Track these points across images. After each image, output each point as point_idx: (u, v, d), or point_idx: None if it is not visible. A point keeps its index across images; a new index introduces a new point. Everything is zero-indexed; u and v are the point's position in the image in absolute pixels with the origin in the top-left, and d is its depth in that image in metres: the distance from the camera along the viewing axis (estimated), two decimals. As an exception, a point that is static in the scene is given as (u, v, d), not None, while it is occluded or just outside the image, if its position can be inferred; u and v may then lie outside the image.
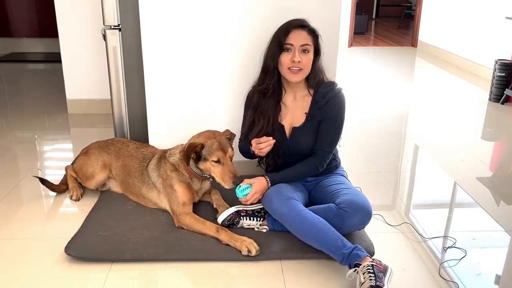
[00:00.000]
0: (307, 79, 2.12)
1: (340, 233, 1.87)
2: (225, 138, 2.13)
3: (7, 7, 6.15)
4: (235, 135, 2.24)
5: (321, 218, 1.89)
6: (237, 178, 2.03)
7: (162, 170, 2.24)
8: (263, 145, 2.02)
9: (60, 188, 2.49)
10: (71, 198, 2.40)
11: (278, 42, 2.05)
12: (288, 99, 2.17)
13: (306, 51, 2.03)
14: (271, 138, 2.03)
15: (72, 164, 2.54)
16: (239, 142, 2.32)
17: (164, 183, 2.22)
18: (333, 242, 1.83)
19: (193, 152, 2.07)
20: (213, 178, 2.13)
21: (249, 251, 1.93)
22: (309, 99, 2.13)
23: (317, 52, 2.09)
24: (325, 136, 2.10)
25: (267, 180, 2.08)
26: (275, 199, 1.98)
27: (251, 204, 2.12)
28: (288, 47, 2.03)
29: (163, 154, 2.29)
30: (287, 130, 2.16)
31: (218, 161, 2.05)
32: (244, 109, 2.27)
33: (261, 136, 2.08)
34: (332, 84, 2.12)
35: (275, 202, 1.97)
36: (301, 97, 2.15)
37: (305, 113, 2.13)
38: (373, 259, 1.76)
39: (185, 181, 2.19)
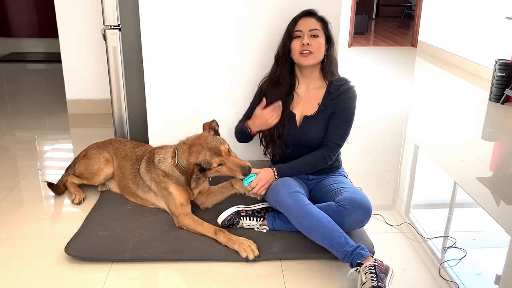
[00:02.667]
0: (322, 68, 2.14)
1: None
2: (212, 137, 2.07)
3: (7, 7, 6.15)
4: (217, 123, 2.17)
5: (325, 214, 1.89)
6: (246, 167, 2.00)
7: (154, 174, 2.21)
8: (270, 114, 2.04)
9: (60, 190, 2.48)
10: (72, 202, 2.38)
11: (288, 32, 2.11)
12: (301, 89, 2.18)
13: (316, 36, 2.07)
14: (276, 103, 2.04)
15: (67, 171, 2.52)
16: (238, 123, 2.30)
17: (159, 186, 2.20)
18: (337, 238, 1.83)
19: (193, 175, 2.03)
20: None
21: (246, 257, 1.92)
22: (322, 91, 2.14)
23: (328, 40, 2.12)
24: (335, 128, 2.11)
25: (273, 170, 2.07)
26: (282, 191, 1.97)
27: (259, 195, 2.09)
28: (298, 34, 2.08)
29: (152, 158, 2.25)
30: (298, 119, 2.16)
31: (220, 164, 2.03)
32: (254, 96, 2.29)
33: (272, 127, 2.10)
34: (346, 79, 2.16)
35: (282, 194, 1.96)
36: (314, 89, 2.16)
37: (318, 103, 2.13)
38: (375, 259, 1.76)
39: (180, 183, 2.17)
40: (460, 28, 6.07)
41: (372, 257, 1.79)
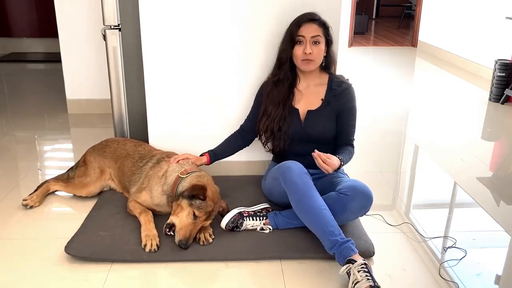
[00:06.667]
0: (323, 66, 2.24)
1: (343, 221, 1.96)
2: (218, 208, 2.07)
3: (7, 7, 6.15)
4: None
5: (326, 205, 1.92)
6: (186, 242, 1.92)
7: (152, 172, 2.20)
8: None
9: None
10: (23, 200, 2.34)
11: (290, 36, 2.16)
12: (302, 86, 2.27)
13: (317, 43, 2.14)
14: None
15: (67, 173, 2.52)
16: (242, 125, 2.42)
17: (145, 179, 2.19)
18: (331, 227, 1.84)
19: (194, 194, 1.95)
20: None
21: (145, 245, 1.95)
22: (323, 87, 2.24)
23: (329, 42, 2.20)
24: (348, 126, 2.24)
25: (340, 159, 2.06)
26: (294, 166, 2.00)
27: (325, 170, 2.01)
28: (300, 39, 2.13)
29: (164, 172, 2.16)
30: (302, 114, 2.23)
31: (195, 216, 1.94)
32: (255, 99, 2.37)
33: (272, 122, 2.21)
34: (343, 77, 2.28)
35: (294, 169, 1.99)
36: (315, 86, 2.26)
37: (322, 98, 2.22)
38: (364, 258, 1.77)
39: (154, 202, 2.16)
40: (460, 28, 6.07)
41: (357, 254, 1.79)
